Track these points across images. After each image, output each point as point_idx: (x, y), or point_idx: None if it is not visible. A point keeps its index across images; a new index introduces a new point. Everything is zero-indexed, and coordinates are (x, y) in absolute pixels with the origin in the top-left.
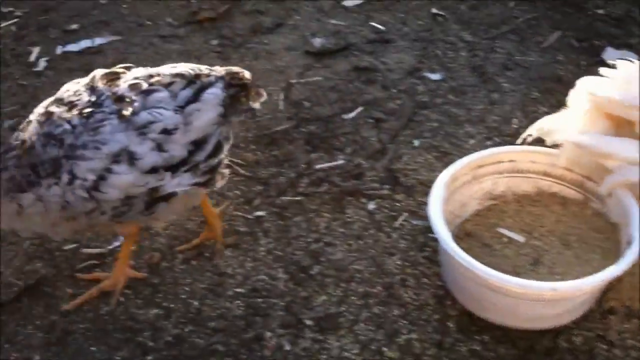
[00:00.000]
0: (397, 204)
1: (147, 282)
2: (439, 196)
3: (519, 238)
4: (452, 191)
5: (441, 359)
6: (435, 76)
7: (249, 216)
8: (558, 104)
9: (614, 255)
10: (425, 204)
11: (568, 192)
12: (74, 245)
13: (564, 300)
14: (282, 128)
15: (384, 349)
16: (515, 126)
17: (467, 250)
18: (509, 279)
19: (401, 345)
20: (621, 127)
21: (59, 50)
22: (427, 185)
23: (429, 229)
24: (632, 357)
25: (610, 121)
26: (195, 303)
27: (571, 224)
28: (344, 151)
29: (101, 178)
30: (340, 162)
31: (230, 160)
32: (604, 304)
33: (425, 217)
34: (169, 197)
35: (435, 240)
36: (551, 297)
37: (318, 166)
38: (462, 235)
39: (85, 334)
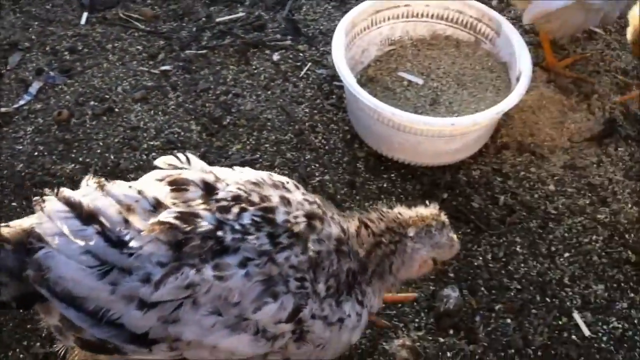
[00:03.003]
0: (301, 54)
1: (59, 139)
2: (340, 42)
3: (418, 80)
4: (352, 37)
5: (353, 197)
6: None
7: (155, 71)
8: None
9: (505, 92)
10: (328, 53)
11: (461, 35)
12: None
13: (462, 135)
14: None
15: None
16: None
17: (371, 94)
18: (413, 117)
19: (315, 187)
20: None
21: None
22: (328, 35)
23: (333, 78)
24: (524, 187)
25: None
26: (112, 157)
27: (465, 64)
28: (244, 3)
29: None
30: (241, 14)
31: (127, 16)
32: (497, 140)
33: (328, 66)
34: None
35: (340, 87)
36: (451, 133)
37: (219, 19)
38: (365, 81)
39: (3, 191)
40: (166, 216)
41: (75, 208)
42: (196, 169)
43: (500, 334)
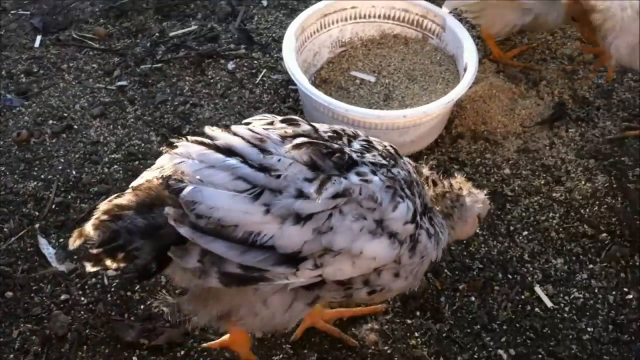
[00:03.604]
0: (256, 62)
1: (20, 158)
2: (291, 46)
3: (370, 78)
4: (303, 41)
5: None
6: None
7: (112, 87)
8: None
9: (454, 83)
10: (282, 59)
11: (408, 32)
12: None
13: (415, 126)
14: (129, 0)
15: None
16: None
17: (325, 94)
18: (366, 112)
19: None
20: None
21: None
22: (280, 42)
23: (288, 82)
24: (481, 173)
25: None
26: (74, 172)
27: (414, 60)
28: (196, 17)
29: None
30: (194, 27)
31: (81, 36)
32: (452, 131)
33: (283, 71)
34: None
35: (296, 90)
36: (404, 124)
37: (172, 33)
38: (319, 82)
39: None
40: (302, 139)
41: (210, 147)
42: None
43: (466, 312)
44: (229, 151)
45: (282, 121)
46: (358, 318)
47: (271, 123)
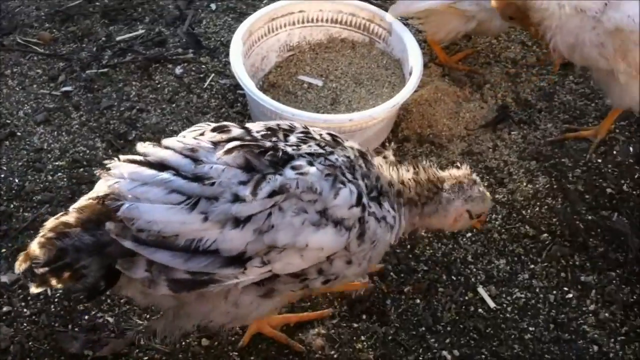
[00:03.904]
0: (204, 66)
1: None
2: (238, 50)
3: (318, 82)
4: (251, 45)
5: None
6: None
7: (56, 92)
8: None
9: (400, 87)
10: (229, 63)
11: (356, 36)
12: None
13: (361, 130)
14: (75, 3)
15: None
16: None
17: (274, 99)
18: (313, 116)
19: None
20: None
21: None
22: (229, 46)
23: (237, 86)
24: None
25: None
26: (16, 180)
27: (361, 64)
28: (143, 21)
29: None
30: (141, 31)
31: (25, 41)
32: (399, 134)
33: (232, 76)
34: None
35: (244, 95)
36: (350, 128)
37: (119, 38)
38: (267, 87)
39: None
40: (233, 144)
41: (144, 163)
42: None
43: (411, 314)
44: (161, 165)
45: (212, 130)
46: (305, 323)
47: (202, 133)
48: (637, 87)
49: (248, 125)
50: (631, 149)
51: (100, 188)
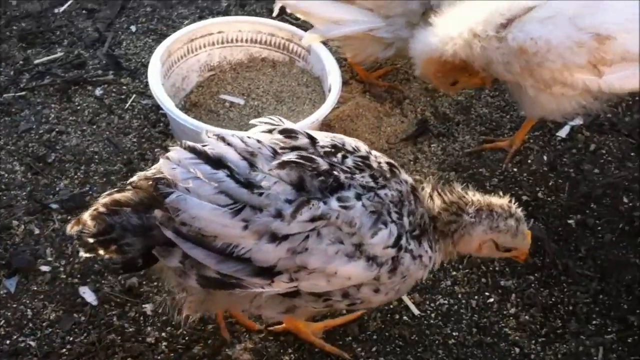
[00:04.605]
0: (125, 87)
1: None
2: (157, 71)
3: (240, 101)
4: (170, 66)
5: None
6: None
7: None
8: None
9: (320, 104)
10: None
11: (276, 55)
12: None
13: None
14: None
15: None
16: (224, 4)
17: (196, 119)
18: (234, 133)
19: None
20: None
21: None
22: None
23: (159, 107)
24: None
25: None
26: None
27: (282, 82)
28: (62, 44)
29: None
30: (60, 54)
31: None
32: None
33: (153, 96)
34: None
35: (166, 115)
36: None
37: (37, 61)
38: (189, 106)
39: None
40: (290, 157)
41: (201, 155)
42: (290, 124)
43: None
44: (219, 161)
45: (280, 132)
46: (233, 338)
47: (270, 131)
48: (546, 98)
49: (315, 134)
50: (545, 157)
51: (160, 168)
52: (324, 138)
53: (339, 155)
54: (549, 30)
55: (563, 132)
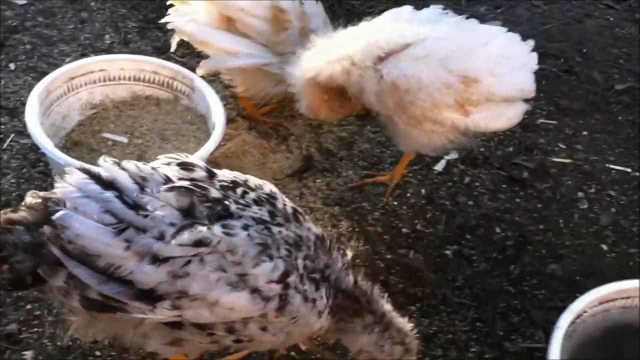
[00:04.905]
0: (3, 127)
1: None
2: (34, 110)
3: (123, 139)
4: (49, 105)
5: None
6: (21, 1)
7: None
8: (145, 18)
9: (205, 141)
10: None
11: (160, 93)
12: None
13: None
14: None
15: None
16: (108, 41)
17: (78, 158)
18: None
19: None
20: (229, 23)
21: None
22: None
23: (38, 146)
24: None
25: (221, 18)
26: None
27: (166, 120)
28: None
29: None
30: None
31: None
32: None
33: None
34: None
35: (46, 155)
36: None
37: None
38: (70, 145)
39: None
40: (181, 183)
41: (94, 177)
42: (195, 158)
43: None
44: (110, 184)
45: (178, 164)
46: None
47: (169, 164)
48: (417, 133)
49: (217, 171)
50: (423, 190)
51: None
52: (227, 174)
53: (238, 190)
54: (421, 69)
55: (439, 166)
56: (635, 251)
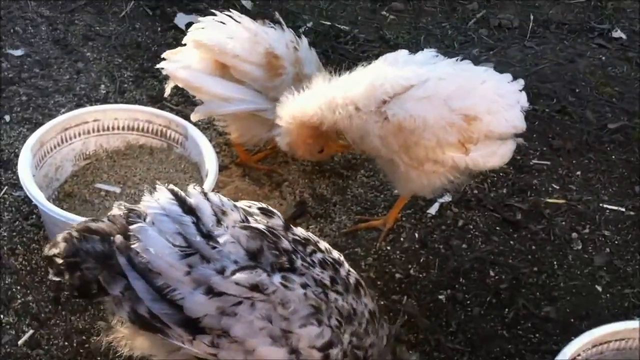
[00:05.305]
0: None
1: None
2: (27, 162)
3: (116, 190)
4: (42, 156)
5: (59, 312)
6: (17, 52)
7: None
8: (141, 67)
9: None
10: None
11: (153, 142)
12: None
13: None
14: None
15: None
16: (103, 91)
17: (70, 209)
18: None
19: (17, 309)
20: (223, 69)
21: None
22: None
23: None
24: None
25: (216, 64)
26: None
27: (159, 169)
28: None
29: None
30: None
31: None
32: None
33: None
34: None
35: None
36: None
37: None
38: (62, 197)
39: None
40: (257, 224)
41: (179, 200)
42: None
43: None
44: (191, 209)
45: (258, 208)
46: None
47: (249, 207)
48: (417, 175)
49: (294, 227)
50: (416, 235)
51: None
52: (302, 231)
53: (308, 248)
54: (426, 109)
55: (433, 209)
56: (630, 292)
